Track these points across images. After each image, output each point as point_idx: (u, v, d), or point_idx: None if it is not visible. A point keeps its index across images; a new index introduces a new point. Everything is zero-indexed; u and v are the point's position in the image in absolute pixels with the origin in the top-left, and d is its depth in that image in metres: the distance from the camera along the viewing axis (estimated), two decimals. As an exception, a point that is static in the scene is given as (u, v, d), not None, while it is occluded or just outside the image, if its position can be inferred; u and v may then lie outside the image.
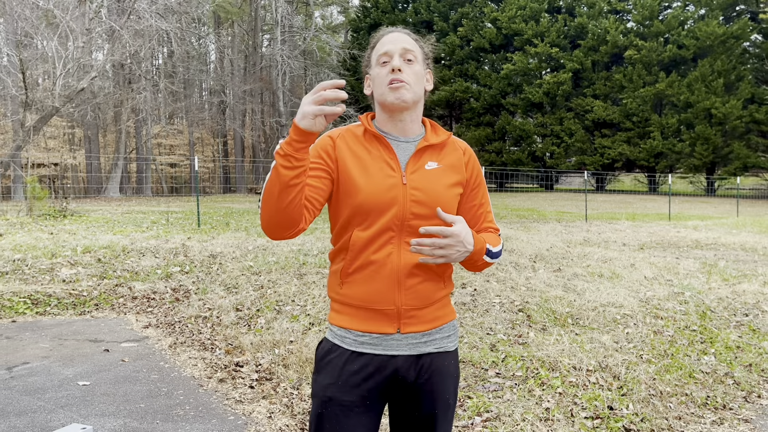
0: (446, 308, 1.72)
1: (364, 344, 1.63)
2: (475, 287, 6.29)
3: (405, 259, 1.61)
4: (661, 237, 11.93)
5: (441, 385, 1.66)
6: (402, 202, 1.60)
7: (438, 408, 1.67)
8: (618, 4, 35.01)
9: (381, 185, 1.60)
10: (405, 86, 1.61)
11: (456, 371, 1.73)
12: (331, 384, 1.63)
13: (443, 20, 38.04)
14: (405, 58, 1.63)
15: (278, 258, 7.89)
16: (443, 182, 1.66)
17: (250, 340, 4.72)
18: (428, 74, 1.73)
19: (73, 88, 22.27)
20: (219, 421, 3.45)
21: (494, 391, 3.71)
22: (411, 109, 1.66)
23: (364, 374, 1.62)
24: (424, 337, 1.66)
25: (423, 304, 1.64)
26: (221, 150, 43.65)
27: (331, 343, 1.68)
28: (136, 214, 16.26)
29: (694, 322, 5.32)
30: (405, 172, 1.63)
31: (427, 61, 1.72)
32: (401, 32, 1.69)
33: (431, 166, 1.66)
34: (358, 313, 1.64)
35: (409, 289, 1.62)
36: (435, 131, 1.72)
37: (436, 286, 1.66)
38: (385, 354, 1.62)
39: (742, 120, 30.50)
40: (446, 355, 1.69)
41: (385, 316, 1.62)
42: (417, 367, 1.64)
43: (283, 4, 35.26)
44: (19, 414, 3.50)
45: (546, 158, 36.32)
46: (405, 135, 1.68)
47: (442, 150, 1.70)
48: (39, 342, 4.96)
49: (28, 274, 6.95)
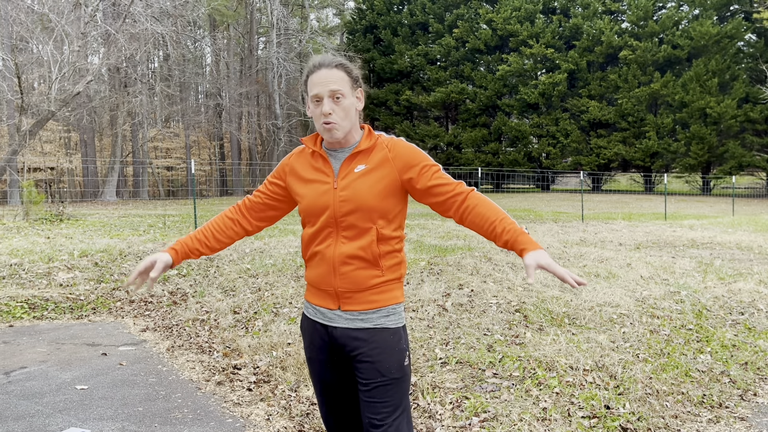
0: (386, 294, 1.97)
1: (317, 315, 2.04)
2: (471, 288, 6.31)
3: (339, 250, 1.94)
4: (657, 236, 11.96)
5: (379, 356, 1.92)
6: (332, 204, 1.94)
7: (381, 377, 1.91)
8: (612, 4, 35.10)
9: (315, 192, 1.98)
10: (335, 126, 1.92)
11: (398, 345, 1.96)
12: (306, 347, 2.09)
13: (438, 22, 38.08)
14: (333, 98, 1.91)
15: (275, 260, 7.90)
16: (370, 180, 1.93)
17: (248, 343, 4.73)
18: (358, 93, 2.00)
19: (69, 92, 22.24)
20: (217, 424, 3.45)
21: (491, 391, 3.72)
22: (348, 134, 1.98)
23: (319, 338, 2.03)
24: (361, 315, 1.96)
25: (357, 288, 1.94)
26: (218, 153, 43.58)
27: (303, 314, 2.13)
28: (133, 217, 16.24)
29: (690, 321, 5.34)
30: (337, 177, 1.96)
31: (355, 84, 1.98)
32: (328, 68, 1.93)
33: (360, 168, 1.95)
34: (312, 291, 2.06)
35: (344, 275, 1.94)
36: (368, 137, 1.99)
37: (370, 274, 1.94)
38: (330, 324, 1.99)
39: (736, 119, 30.61)
40: (384, 330, 1.95)
41: (328, 295, 1.99)
42: (353, 338, 1.95)
43: (278, 6, 35.27)
44: (17, 418, 3.50)
45: (542, 159, 36.37)
46: (341, 146, 1.99)
47: (371, 152, 1.97)
48: (36, 346, 4.96)
49: (25, 279, 6.94)
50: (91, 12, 23.79)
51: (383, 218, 1.94)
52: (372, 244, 1.92)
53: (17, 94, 21.59)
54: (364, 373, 1.93)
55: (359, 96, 2.01)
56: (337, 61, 1.95)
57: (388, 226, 1.96)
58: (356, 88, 1.99)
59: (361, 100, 2.01)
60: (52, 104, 21.44)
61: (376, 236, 1.92)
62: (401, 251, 2.02)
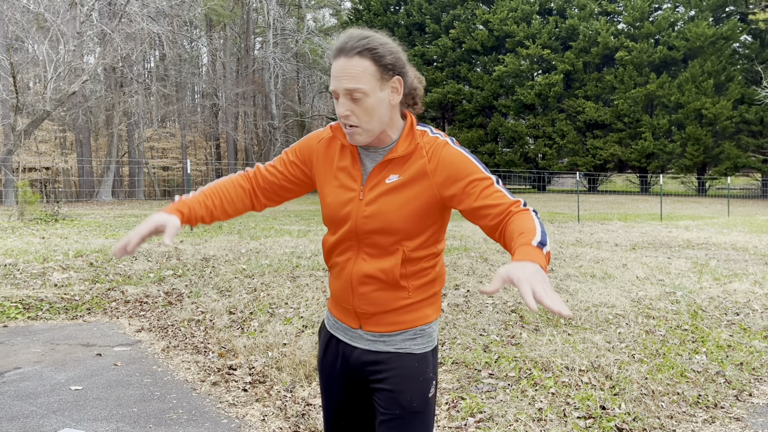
0: (412, 314, 1.67)
1: (338, 330, 1.78)
2: (468, 288, 6.31)
3: (357, 267, 1.66)
4: (653, 237, 11.99)
5: (401, 385, 1.64)
6: (354, 218, 1.63)
7: (400, 409, 1.64)
8: (608, 5, 35.20)
9: (339, 199, 1.67)
10: (356, 131, 1.58)
11: (423, 375, 1.67)
12: (320, 359, 1.84)
13: (435, 22, 38.11)
14: (351, 97, 1.55)
15: (271, 261, 7.88)
16: (401, 198, 1.60)
17: (244, 343, 4.71)
18: (395, 83, 1.59)
19: (65, 91, 22.18)
20: (212, 425, 3.44)
21: (487, 391, 3.72)
22: (373, 136, 1.62)
23: (334, 355, 1.78)
24: (384, 336, 1.69)
25: (379, 310, 1.66)
26: (214, 153, 43.53)
27: (323, 322, 1.87)
28: (129, 217, 16.20)
29: (686, 322, 5.35)
30: (365, 186, 1.64)
31: (386, 74, 1.57)
32: (348, 56, 1.54)
33: (392, 179, 1.62)
34: (334, 302, 1.78)
35: (362, 296, 1.67)
36: (408, 137, 1.63)
37: (393, 296, 1.65)
38: (350, 344, 1.74)
39: (732, 120, 30.73)
40: (408, 356, 1.67)
41: (348, 312, 1.73)
42: (374, 362, 1.68)
43: (275, 6, 35.25)
44: (11, 419, 3.48)
45: (538, 159, 36.43)
46: (379, 145, 1.66)
47: (408, 160, 1.62)
48: (31, 347, 4.94)
49: (19, 279, 6.91)
50: (86, 11, 23.73)
51: (413, 239, 1.63)
52: (395, 267, 1.62)
53: (12, 94, 21.53)
54: (381, 402, 1.67)
55: (396, 86, 1.59)
56: (359, 46, 1.54)
57: (421, 247, 1.64)
58: (388, 79, 1.57)
59: (399, 90, 1.60)
60: (48, 104, 21.38)
61: (402, 257, 1.63)
62: (436, 266, 1.70)
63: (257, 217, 16.89)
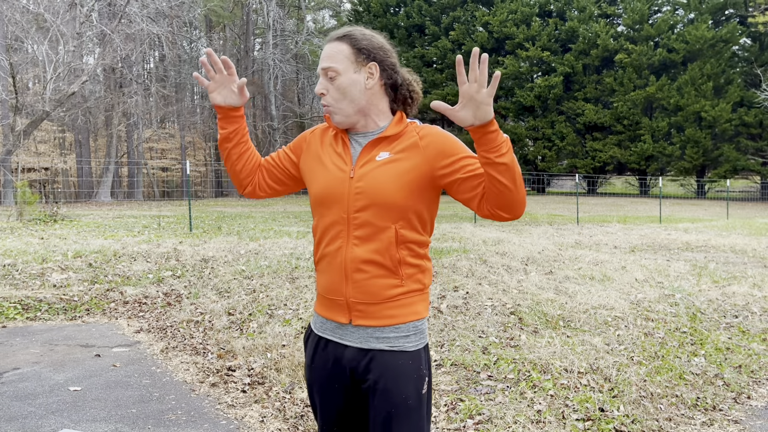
0: (406, 308, 1.68)
1: (326, 331, 1.75)
2: (467, 290, 6.31)
3: (351, 253, 1.65)
4: (652, 239, 12.00)
5: (395, 384, 1.64)
6: (347, 196, 1.66)
7: (394, 408, 1.63)
8: (608, 8, 35.26)
9: (327, 178, 1.70)
10: (330, 109, 1.69)
11: (417, 372, 1.67)
12: (307, 365, 1.81)
13: (435, 24, 38.15)
14: (327, 77, 1.68)
15: (270, 262, 7.88)
16: (392, 170, 1.64)
17: (243, 345, 4.71)
18: (370, 68, 1.68)
19: (64, 92, 22.17)
20: (211, 426, 3.44)
21: (486, 393, 3.72)
22: (356, 118, 1.71)
23: (325, 359, 1.74)
24: (376, 332, 1.67)
25: (373, 300, 1.66)
26: (213, 154, 43.48)
27: (309, 327, 1.84)
28: (128, 218, 16.20)
29: (685, 324, 5.36)
30: (355, 165, 1.68)
31: (361, 57, 1.67)
32: (332, 41, 1.69)
33: (382, 156, 1.66)
34: (321, 301, 1.76)
35: (357, 283, 1.66)
36: (398, 123, 1.71)
37: (388, 283, 1.65)
38: (340, 342, 1.71)
39: (731, 123, 30.77)
40: (401, 354, 1.66)
41: (338, 306, 1.70)
42: (366, 361, 1.67)
43: (274, 8, 35.27)
44: (10, 420, 3.48)
45: (538, 161, 36.46)
46: (365, 130, 1.73)
47: (398, 139, 1.68)
48: (29, 347, 4.93)
49: (18, 279, 6.91)
50: (86, 12, 23.74)
51: (404, 218, 1.64)
52: (390, 247, 1.63)
53: (12, 94, 21.52)
54: (375, 400, 1.66)
55: (372, 71, 1.67)
56: (342, 33, 1.69)
57: (411, 228, 1.66)
58: (363, 63, 1.67)
59: (374, 75, 1.68)
60: (47, 104, 21.38)
61: (395, 238, 1.64)
62: (424, 257, 1.72)
63: (256, 218, 16.90)
